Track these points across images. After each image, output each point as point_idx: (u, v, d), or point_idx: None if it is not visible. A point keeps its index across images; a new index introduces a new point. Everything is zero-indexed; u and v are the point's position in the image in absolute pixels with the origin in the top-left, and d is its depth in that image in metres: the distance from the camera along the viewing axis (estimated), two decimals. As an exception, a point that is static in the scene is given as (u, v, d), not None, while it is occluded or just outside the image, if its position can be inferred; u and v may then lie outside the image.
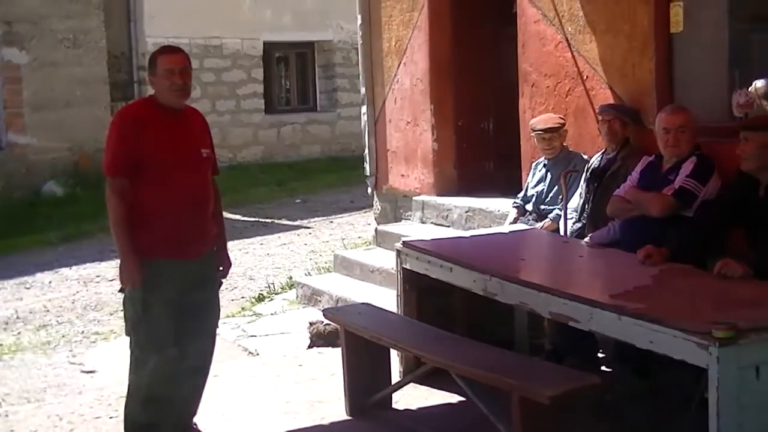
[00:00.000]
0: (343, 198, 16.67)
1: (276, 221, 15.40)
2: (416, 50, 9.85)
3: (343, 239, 12.85)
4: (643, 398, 5.82)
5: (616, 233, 6.52)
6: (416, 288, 6.46)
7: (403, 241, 6.55)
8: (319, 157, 21.00)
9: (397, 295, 6.57)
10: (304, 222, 15.13)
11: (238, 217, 15.30)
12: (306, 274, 10.50)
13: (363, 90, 10.84)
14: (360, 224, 14.08)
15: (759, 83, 6.26)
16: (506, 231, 6.88)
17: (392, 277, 7.26)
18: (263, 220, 15.56)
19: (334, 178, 18.65)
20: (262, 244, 13.49)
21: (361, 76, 10.96)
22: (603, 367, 6.49)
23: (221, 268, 5.72)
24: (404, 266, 6.44)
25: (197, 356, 5.56)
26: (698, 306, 4.61)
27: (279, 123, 20.94)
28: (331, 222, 15.01)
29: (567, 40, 7.75)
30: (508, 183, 8.95)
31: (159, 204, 5.30)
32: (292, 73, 21.92)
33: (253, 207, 16.54)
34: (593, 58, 7.48)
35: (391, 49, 10.29)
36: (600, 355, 6.56)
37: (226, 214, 5.91)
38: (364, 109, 10.87)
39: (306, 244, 13.23)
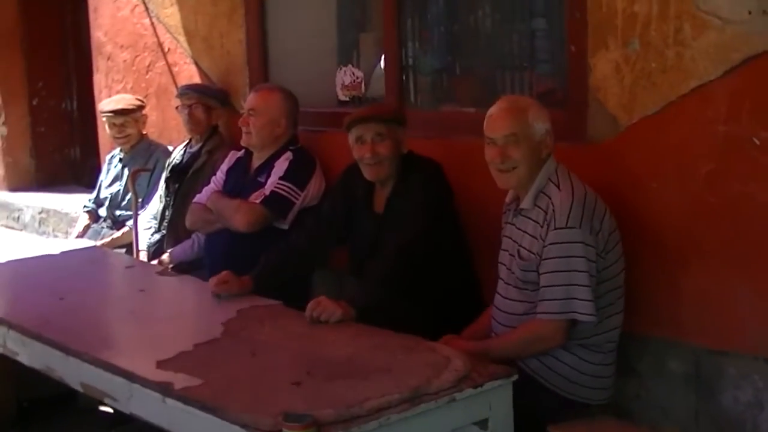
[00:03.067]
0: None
1: None
2: (-24, 16, 8.04)
3: None
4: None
5: (201, 249, 5.17)
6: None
7: None
8: None
9: None
10: None
11: None
12: None
13: None
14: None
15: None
16: (58, 251, 5.27)
17: None
18: None
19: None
20: None
21: None
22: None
23: None
24: None
25: None
26: (275, 378, 3.28)
27: None
28: None
29: (144, 3, 6.27)
30: (98, 173, 7.35)
31: None
32: None
33: None
34: (175, 25, 6.06)
35: (-52, 12, 8.39)
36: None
37: None
38: None
39: None
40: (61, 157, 8.31)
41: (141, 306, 4.21)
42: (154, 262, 5.32)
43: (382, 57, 5.19)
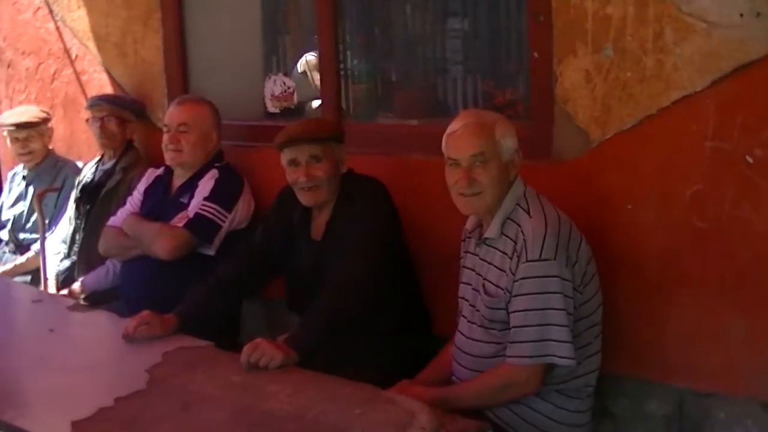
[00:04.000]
0: None
1: None
2: None
3: None
4: None
5: (117, 277, 4.66)
6: None
7: None
8: None
9: None
10: None
11: None
12: None
13: None
14: None
15: (311, 56, 4.67)
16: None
17: None
18: None
19: None
20: None
21: None
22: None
23: None
24: None
25: None
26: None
27: None
28: None
29: (48, 6, 5.71)
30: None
31: None
32: None
33: None
34: (83, 30, 5.51)
35: None
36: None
37: None
38: None
39: None
40: (-41, 173, 7.65)
41: (51, 350, 3.66)
42: (64, 291, 4.79)
43: (300, 60, 4.78)
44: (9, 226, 5.54)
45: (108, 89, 5.35)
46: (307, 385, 3.16)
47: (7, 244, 5.55)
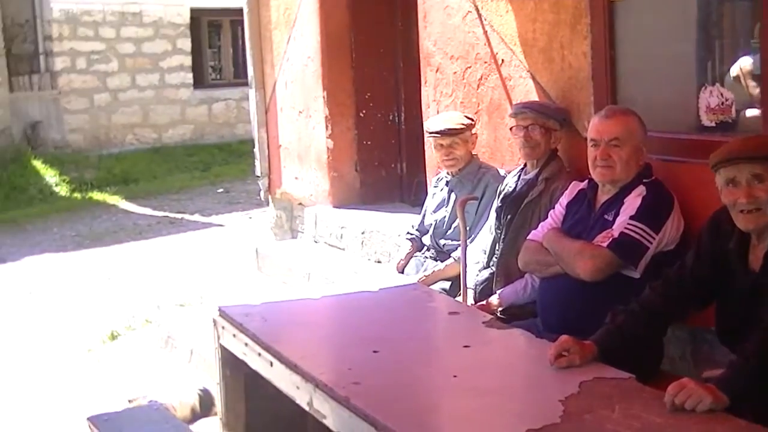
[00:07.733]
0: (272, 187, 14.57)
1: (187, 217, 13.29)
2: (306, 21, 7.75)
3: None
4: None
5: (536, 291, 4.53)
6: (244, 376, 4.43)
7: (220, 308, 4.47)
8: (255, 137, 18.95)
9: (218, 386, 4.58)
10: (219, 218, 13.06)
11: (146, 211, 13.44)
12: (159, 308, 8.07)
13: (251, 71, 8.74)
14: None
15: (745, 61, 4.32)
16: (376, 287, 4.72)
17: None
18: (173, 215, 13.49)
19: (265, 162, 16.55)
20: (161, 248, 11.29)
21: (248, 54, 8.85)
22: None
23: None
24: (222, 343, 4.42)
25: None
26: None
27: (210, 99, 18.75)
28: (250, 218, 12.80)
29: (477, 10, 5.66)
30: (424, 191, 6.86)
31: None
32: (226, 42, 19.58)
33: (167, 198, 14.69)
34: (510, 34, 5.40)
35: (280, 20, 8.20)
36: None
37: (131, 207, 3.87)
38: (252, 93, 8.76)
39: (207, 250, 11.00)
40: (386, 172, 7.89)
41: (464, 369, 3.58)
42: (482, 303, 4.73)
43: (734, 66, 4.42)
44: (431, 231, 5.56)
45: (533, 96, 5.21)
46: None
47: (428, 249, 5.58)
